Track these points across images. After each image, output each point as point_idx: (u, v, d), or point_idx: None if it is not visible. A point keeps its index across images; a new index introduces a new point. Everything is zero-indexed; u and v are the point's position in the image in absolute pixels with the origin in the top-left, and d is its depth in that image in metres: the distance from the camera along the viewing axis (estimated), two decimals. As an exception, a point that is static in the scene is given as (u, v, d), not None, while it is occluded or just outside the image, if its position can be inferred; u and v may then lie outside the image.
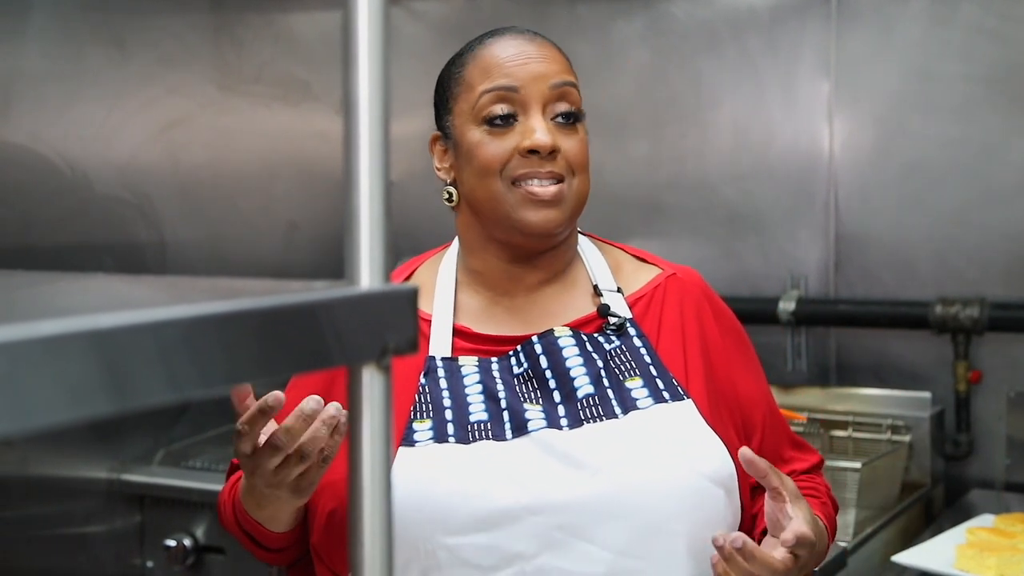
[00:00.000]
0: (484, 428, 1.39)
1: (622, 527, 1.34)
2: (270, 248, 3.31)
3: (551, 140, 1.41)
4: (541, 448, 1.37)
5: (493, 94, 1.43)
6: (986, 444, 2.84)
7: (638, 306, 1.51)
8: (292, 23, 3.44)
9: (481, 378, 1.44)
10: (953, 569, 2.11)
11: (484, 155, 1.43)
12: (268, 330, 0.57)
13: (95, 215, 2.81)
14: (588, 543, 1.33)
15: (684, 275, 1.56)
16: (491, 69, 1.45)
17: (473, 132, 1.45)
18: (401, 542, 1.34)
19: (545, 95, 1.43)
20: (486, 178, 1.43)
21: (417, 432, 1.39)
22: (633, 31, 3.24)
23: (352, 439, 0.63)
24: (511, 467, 1.36)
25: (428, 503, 1.34)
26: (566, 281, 1.52)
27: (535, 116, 1.43)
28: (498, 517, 1.33)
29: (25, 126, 2.66)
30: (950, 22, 2.88)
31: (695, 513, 1.37)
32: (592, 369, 1.43)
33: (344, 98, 0.63)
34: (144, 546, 2.78)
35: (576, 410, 1.40)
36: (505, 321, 1.50)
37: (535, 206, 1.41)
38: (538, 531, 1.33)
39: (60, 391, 0.50)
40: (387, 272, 0.63)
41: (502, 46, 1.47)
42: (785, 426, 1.61)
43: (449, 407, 1.41)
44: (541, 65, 1.45)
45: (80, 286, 0.77)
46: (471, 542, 1.33)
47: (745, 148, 3.11)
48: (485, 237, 1.49)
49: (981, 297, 2.80)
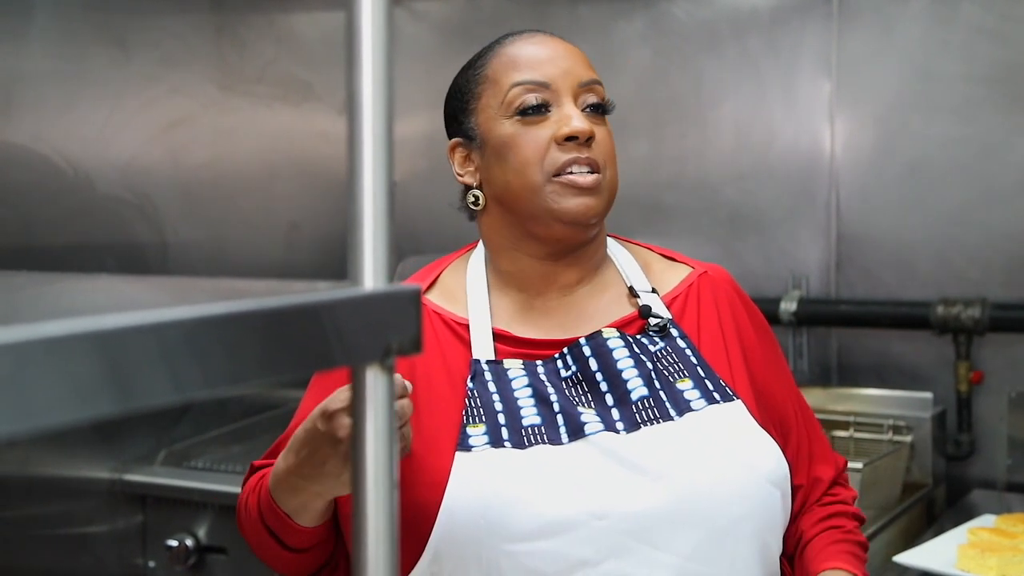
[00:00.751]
0: (539, 432, 1.36)
1: (689, 532, 1.32)
2: (271, 248, 3.31)
3: (588, 125, 1.41)
4: (601, 452, 1.34)
5: (523, 87, 1.43)
6: (987, 444, 2.84)
7: (675, 306, 1.50)
8: (294, 23, 3.44)
9: (529, 381, 1.41)
10: (955, 569, 2.11)
11: (522, 147, 1.41)
12: (272, 331, 0.57)
13: (96, 215, 2.81)
14: (654, 549, 1.31)
15: (714, 273, 1.55)
16: (518, 63, 1.44)
17: (504, 125, 1.43)
18: (460, 549, 1.32)
19: (575, 90, 1.44)
20: (525, 170, 1.41)
21: (472, 437, 1.37)
22: (634, 31, 3.24)
23: (356, 439, 0.63)
24: (571, 472, 1.33)
25: (490, 510, 1.31)
26: (599, 283, 1.51)
27: (568, 105, 1.43)
28: (562, 523, 1.30)
29: (27, 126, 2.66)
30: (951, 22, 2.88)
31: (758, 515, 1.36)
32: (643, 371, 1.41)
33: (348, 98, 0.63)
34: (146, 546, 2.78)
35: (631, 413, 1.38)
36: (542, 324, 1.47)
37: (575, 193, 1.40)
38: (603, 537, 1.30)
39: (64, 392, 0.50)
40: (390, 273, 0.63)
41: (527, 44, 1.47)
42: (814, 424, 1.60)
43: (501, 411, 1.38)
44: (568, 62, 1.45)
45: (83, 287, 0.77)
46: (535, 549, 1.30)
47: (746, 148, 3.12)
48: (517, 236, 1.47)
49: (982, 297, 2.80)
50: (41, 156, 2.68)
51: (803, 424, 1.55)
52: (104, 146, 2.83)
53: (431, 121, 3.58)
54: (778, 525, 1.41)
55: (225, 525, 2.67)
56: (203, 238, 3.10)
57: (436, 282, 1.53)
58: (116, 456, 2.80)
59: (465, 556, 1.32)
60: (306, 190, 3.40)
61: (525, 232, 1.46)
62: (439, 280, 1.53)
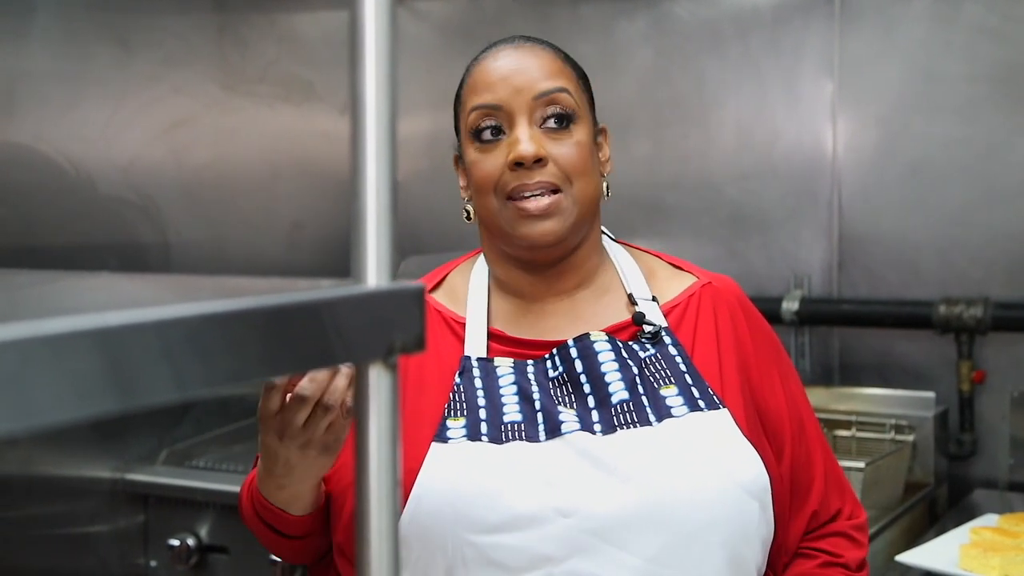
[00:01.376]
0: (518, 429, 1.38)
1: (654, 535, 1.32)
2: (273, 248, 3.32)
3: (534, 149, 1.39)
4: (574, 451, 1.35)
5: (479, 111, 1.43)
6: (990, 444, 2.84)
7: (673, 315, 1.50)
8: (295, 23, 3.44)
9: (516, 379, 1.43)
10: (957, 569, 2.11)
11: (478, 173, 1.43)
12: (274, 328, 0.57)
13: (99, 215, 2.81)
14: (619, 549, 1.32)
15: (720, 283, 1.54)
16: (477, 85, 1.45)
17: (469, 151, 1.45)
18: (428, 537, 1.34)
19: (529, 105, 1.42)
20: (483, 196, 1.43)
21: (451, 429, 1.39)
22: (636, 31, 3.24)
23: (359, 437, 0.63)
24: (543, 469, 1.34)
25: (458, 500, 1.33)
26: (598, 287, 1.51)
27: (520, 127, 1.41)
28: (528, 518, 1.32)
29: (29, 126, 2.66)
30: (953, 22, 2.88)
31: (729, 524, 1.35)
32: (627, 375, 1.41)
33: (351, 97, 0.63)
34: (148, 546, 2.79)
35: (610, 415, 1.39)
36: (538, 326, 1.49)
37: (529, 220, 1.40)
38: (568, 534, 1.31)
39: (66, 390, 0.50)
40: (394, 270, 0.63)
41: (489, 62, 1.46)
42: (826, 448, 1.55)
43: (483, 406, 1.40)
44: (523, 77, 1.43)
45: (85, 285, 0.77)
46: (499, 542, 1.32)
47: (748, 148, 3.12)
48: (501, 250, 1.49)
49: (985, 297, 2.80)
50: (43, 156, 2.68)
51: (807, 444, 1.52)
52: (106, 146, 2.83)
53: (433, 121, 3.60)
54: (754, 537, 1.39)
55: (227, 524, 2.67)
56: (205, 238, 3.10)
57: (443, 282, 1.56)
58: (118, 456, 2.80)
59: (431, 544, 1.33)
60: (308, 190, 3.40)
61: (502, 247, 1.48)
62: (445, 280, 1.56)
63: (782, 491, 1.45)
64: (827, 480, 1.53)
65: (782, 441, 1.49)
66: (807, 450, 1.52)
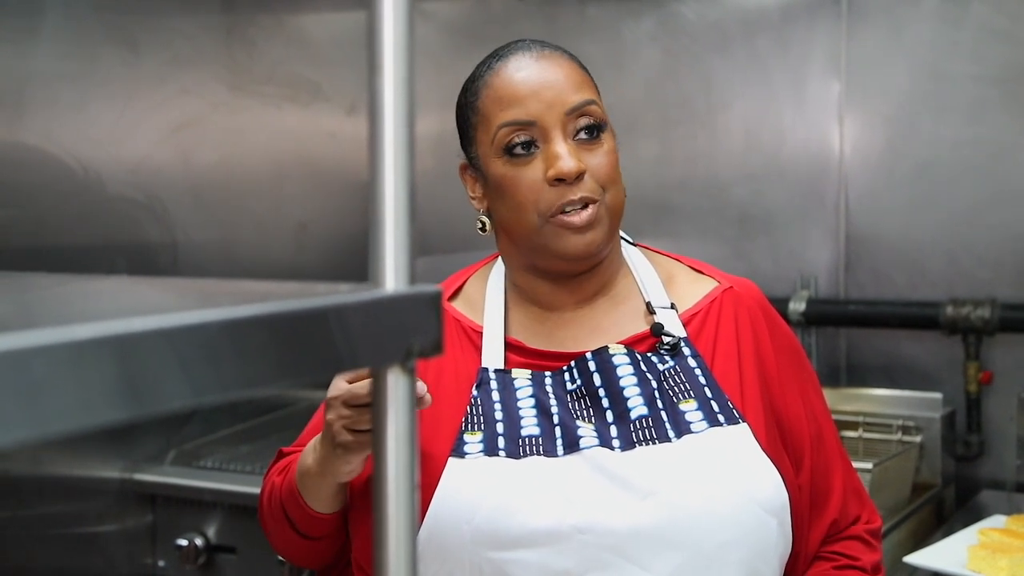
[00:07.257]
0: (535, 443, 1.37)
1: (673, 553, 1.32)
2: (281, 248, 3.32)
3: (576, 165, 1.38)
4: (592, 467, 1.35)
5: (509, 128, 1.40)
6: (997, 445, 2.84)
7: (693, 323, 1.48)
8: (303, 24, 3.45)
9: (534, 392, 1.42)
10: (965, 570, 2.10)
11: (515, 188, 1.40)
12: (292, 333, 0.57)
13: (107, 216, 2.81)
14: (636, 566, 1.31)
15: (741, 288, 1.53)
16: (503, 100, 1.41)
17: (496, 164, 1.42)
18: (445, 553, 1.33)
19: (562, 120, 1.40)
20: (521, 212, 1.41)
21: (468, 444, 1.38)
22: (643, 31, 3.24)
23: (376, 441, 0.63)
24: (561, 484, 1.34)
25: (476, 517, 1.32)
26: (616, 296, 1.50)
27: (557, 141, 1.39)
28: (545, 534, 1.31)
29: (38, 127, 2.66)
30: (961, 22, 2.87)
31: (747, 542, 1.35)
32: (646, 390, 1.40)
33: (369, 98, 0.63)
34: (156, 545, 2.79)
35: (629, 432, 1.38)
36: (556, 336, 1.48)
37: (572, 233, 1.39)
38: (586, 551, 1.31)
39: (80, 398, 0.49)
40: (412, 274, 0.63)
41: (512, 72, 1.42)
42: (845, 458, 1.55)
43: (501, 420, 1.40)
44: (552, 91, 1.41)
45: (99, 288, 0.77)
46: (517, 558, 1.31)
47: (755, 148, 3.11)
48: (526, 261, 1.48)
49: (992, 298, 2.80)
50: (52, 156, 2.68)
51: (826, 453, 1.52)
52: (115, 146, 2.83)
53: (440, 121, 3.59)
54: (772, 554, 1.38)
55: (235, 524, 2.68)
56: (213, 238, 3.10)
57: (461, 290, 1.55)
58: (126, 456, 2.80)
59: (449, 560, 1.33)
60: (315, 190, 3.40)
61: (531, 261, 1.47)
62: (464, 288, 1.55)
63: (801, 501, 1.44)
64: (846, 489, 1.53)
65: (801, 451, 1.48)
66: (826, 459, 1.52)
